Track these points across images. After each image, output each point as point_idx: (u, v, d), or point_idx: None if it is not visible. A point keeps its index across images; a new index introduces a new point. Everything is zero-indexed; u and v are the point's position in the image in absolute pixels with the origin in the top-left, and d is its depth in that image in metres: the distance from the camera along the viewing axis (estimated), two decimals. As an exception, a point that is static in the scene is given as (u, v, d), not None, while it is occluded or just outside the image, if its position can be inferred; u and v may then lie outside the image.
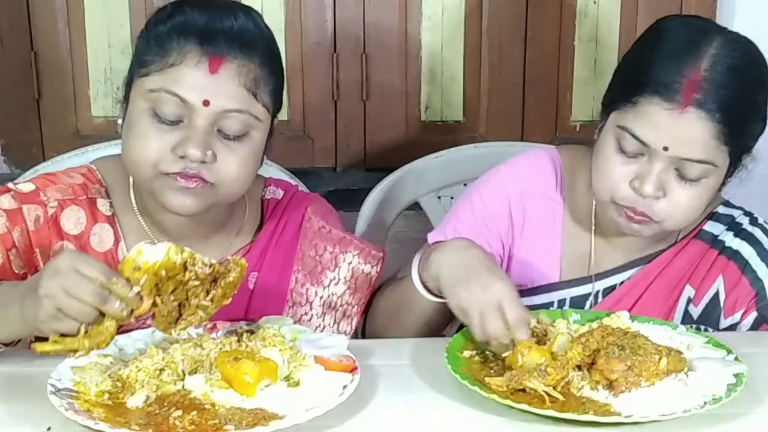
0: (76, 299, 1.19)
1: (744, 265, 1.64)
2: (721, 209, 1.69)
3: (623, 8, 2.58)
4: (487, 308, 1.38)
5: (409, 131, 2.58)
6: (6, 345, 1.38)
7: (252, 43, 1.44)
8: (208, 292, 1.28)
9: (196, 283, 1.26)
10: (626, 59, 1.61)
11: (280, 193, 1.68)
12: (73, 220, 1.53)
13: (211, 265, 1.26)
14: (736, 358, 1.39)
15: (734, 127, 1.47)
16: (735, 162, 1.54)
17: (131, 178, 1.55)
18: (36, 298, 1.21)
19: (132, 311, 1.22)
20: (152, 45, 1.43)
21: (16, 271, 1.48)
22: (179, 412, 1.20)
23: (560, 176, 1.71)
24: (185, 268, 1.25)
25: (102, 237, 1.55)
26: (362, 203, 2.16)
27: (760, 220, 1.70)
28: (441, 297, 1.50)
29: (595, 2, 2.57)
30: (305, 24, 2.47)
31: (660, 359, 1.31)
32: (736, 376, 1.33)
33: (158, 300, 1.24)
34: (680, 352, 1.35)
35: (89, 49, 2.46)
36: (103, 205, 1.55)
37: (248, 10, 1.49)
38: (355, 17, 2.49)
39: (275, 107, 1.51)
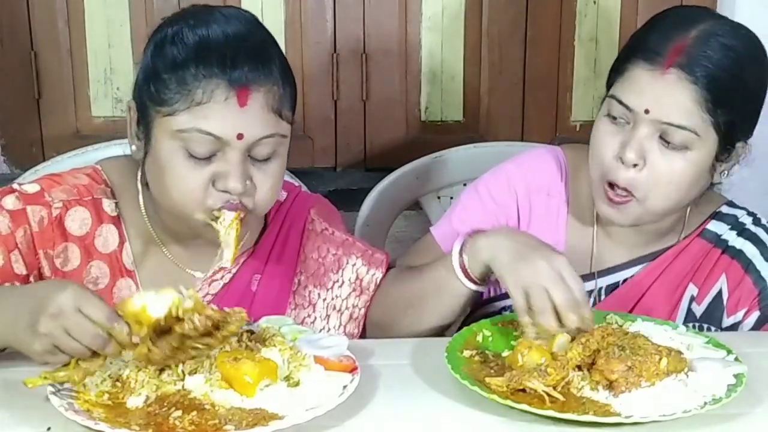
0: (76, 341, 1.20)
1: (747, 265, 1.64)
2: (725, 209, 1.69)
3: (623, 8, 2.58)
4: (551, 280, 1.39)
5: (409, 131, 2.58)
6: None
7: (270, 62, 1.42)
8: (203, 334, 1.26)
9: (194, 333, 1.24)
10: (628, 40, 1.64)
11: (283, 195, 1.66)
12: (78, 221, 1.52)
13: (210, 317, 1.24)
14: (736, 359, 1.39)
15: (717, 95, 1.48)
16: (724, 143, 1.53)
17: (139, 180, 1.54)
18: (34, 331, 1.21)
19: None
20: (169, 80, 1.39)
21: (17, 273, 1.48)
22: (179, 412, 1.20)
23: (565, 174, 1.72)
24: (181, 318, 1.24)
25: (107, 238, 1.54)
26: (362, 203, 2.16)
27: (764, 221, 1.70)
28: (480, 284, 1.53)
29: (595, 2, 2.57)
30: (305, 24, 2.47)
31: (660, 359, 1.31)
32: (736, 376, 1.33)
33: (153, 348, 1.24)
34: (680, 353, 1.35)
35: (89, 49, 2.46)
36: (108, 205, 1.55)
37: (251, 20, 1.47)
38: (355, 17, 2.49)
39: (294, 115, 1.50)
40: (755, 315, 1.63)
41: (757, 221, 1.69)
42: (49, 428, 1.21)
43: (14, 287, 1.42)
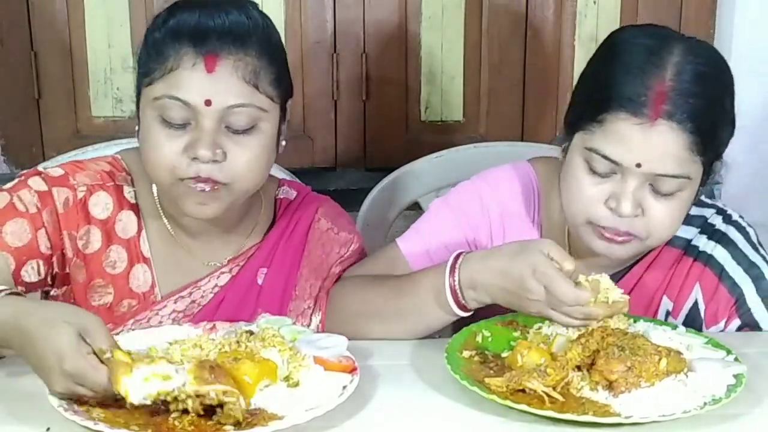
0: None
1: (720, 271, 1.59)
2: (693, 210, 1.60)
3: (623, 8, 2.58)
4: (543, 306, 1.39)
5: (409, 131, 2.58)
6: None
7: (245, 35, 1.45)
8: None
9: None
10: (585, 77, 1.55)
11: (293, 194, 1.70)
12: (100, 205, 1.56)
13: (205, 399, 1.19)
14: (735, 359, 1.39)
15: (706, 135, 1.43)
16: (708, 172, 1.50)
17: None
18: (50, 382, 1.22)
19: None
20: (151, 53, 1.46)
21: (43, 252, 1.50)
22: (178, 413, 1.20)
23: (536, 195, 1.67)
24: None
25: (126, 224, 1.58)
26: (362, 203, 2.16)
27: (735, 217, 1.65)
28: (470, 310, 1.49)
29: (595, 2, 2.57)
30: (305, 24, 2.47)
31: (660, 360, 1.30)
32: (736, 376, 1.33)
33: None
34: (680, 353, 1.35)
35: (89, 49, 2.46)
36: (128, 192, 1.59)
37: (242, 4, 1.50)
38: (355, 17, 2.49)
39: (282, 95, 1.51)
40: (735, 323, 1.59)
41: (727, 218, 1.64)
42: (48, 428, 1.21)
43: (18, 324, 1.32)
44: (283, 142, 1.55)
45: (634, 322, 1.48)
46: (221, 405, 1.18)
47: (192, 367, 1.18)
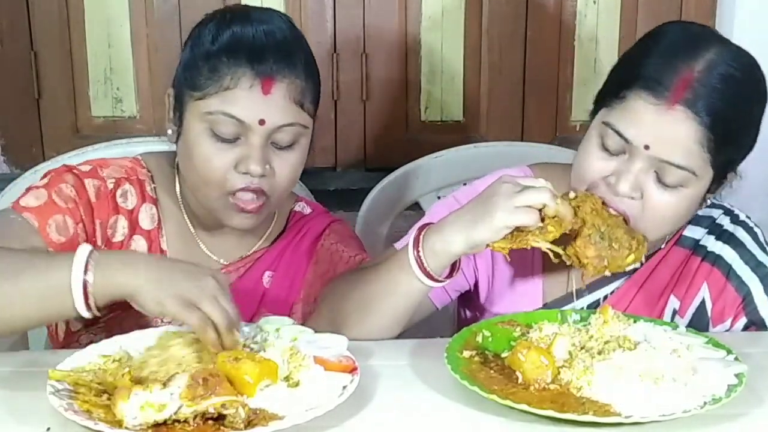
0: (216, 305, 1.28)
1: (728, 271, 1.60)
2: (701, 211, 1.60)
3: (623, 8, 2.59)
4: (508, 205, 1.36)
5: (409, 131, 2.59)
6: None
7: (295, 59, 1.53)
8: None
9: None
10: (622, 59, 1.57)
11: (308, 209, 1.78)
12: (127, 196, 1.63)
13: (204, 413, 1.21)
14: (736, 358, 1.39)
15: (720, 136, 1.42)
16: (718, 177, 1.49)
17: (176, 167, 1.66)
18: (173, 289, 1.28)
19: None
20: (203, 68, 1.51)
21: (81, 243, 1.51)
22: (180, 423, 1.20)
23: None
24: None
25: (147, 216, 1.65)
26: (362, 203, 2.16)
27: (742, 217, 1.65)
28: (438, 280, 1.45)
29: (595, 2, 2.57)
30: (305, 24, 2.47)
31: (628, 255, 1.38)
32: (736, 376, 1.32)
33: None
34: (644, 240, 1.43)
35: (89, 49, 2.47)
36: (149, 188, 1.66)
37: (283, 19, 1.58)
38: (355, 17, 2.49)
39: (317, 108, 1.60)
40: (742, 321, 1.60)
41: (735, 219, 1.64)
42: (48, 428, 1.21)
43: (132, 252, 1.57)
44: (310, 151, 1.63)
45: (634, 321, 1.48)
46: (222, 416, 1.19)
47: (184, 392, 1.18)
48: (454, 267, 1.46)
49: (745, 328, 1.61)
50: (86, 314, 1.31)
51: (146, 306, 1.29)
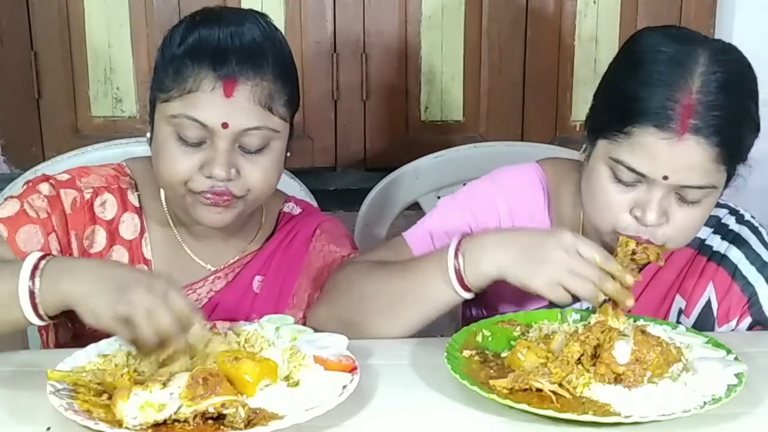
0: (152, 324, 1.23)
1: (734, 271, 1.61)
2: None
3: (623, 8, 2.59)
4: (566, 267, 1.38)
5: (409, 131, 2.59)
6: None
7: (262, 60, 1.49)
8: None
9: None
10: (609, 83, 1.53)
11: (297, 210, 1.75)
12: (106, 206, 1.61)
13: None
14: (736, 358, 1.39)
15: (732, 146, 1.43)
16: (730, 178, 1.50)
17: None
18: (119, 296, 1.23)
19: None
20: (169, 71, 1.49)
21: (55, 255, 1.50)
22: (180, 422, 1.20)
23: (547, 196, 1.66)
24: None
25: (129, 226, 1.62)
26: (362, 203, 2.16)
27: (747, 216, 1.66)
28: (473, 292, 1.47)
29: (595, 2, 2.57)
30: (305, 24, 2.47)
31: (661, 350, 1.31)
32: (736, 376, 1.32)
33: None
34: (675, 345, 1.36)
35: (89, 49, 2.47)
36: (132, 196, 1.63)
37: (257, 20, 1.53)
38: (355, 17, 2.49)
39: (292, 113, 1.56)
40: (747, 321, 1.61)
41: (740, 219, 1.66)
42: (48, 428, 1.21)
43: (83, 259, 1.51)
44: (288, 154, 1.59)
45: (634, 321, 1.48)
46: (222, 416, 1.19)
47: (184, 392, 1.18)
48: None
49: (750, 328, 1.62)
50: (37, 322, 1.30)
51: (84, 316, 1.26)
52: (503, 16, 2.54)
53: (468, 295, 1.47)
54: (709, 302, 1.62)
